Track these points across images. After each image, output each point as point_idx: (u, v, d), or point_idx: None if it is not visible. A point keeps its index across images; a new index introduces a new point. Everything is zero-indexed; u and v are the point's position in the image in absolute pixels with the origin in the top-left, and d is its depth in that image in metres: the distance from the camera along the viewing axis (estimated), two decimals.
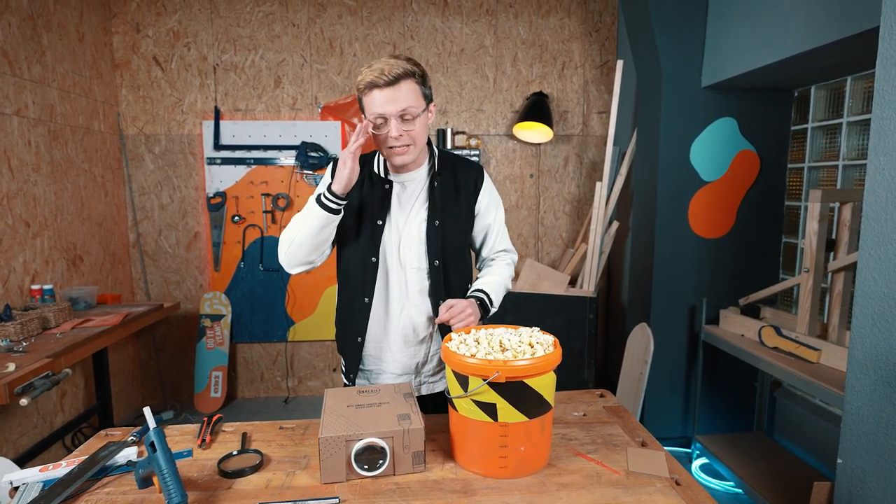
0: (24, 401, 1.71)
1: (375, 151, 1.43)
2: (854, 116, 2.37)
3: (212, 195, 3.40)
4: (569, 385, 2.59)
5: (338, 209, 1.26)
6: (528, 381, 1.03)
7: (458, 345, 1.13)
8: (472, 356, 1.06)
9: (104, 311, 2.61)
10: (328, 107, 3.46)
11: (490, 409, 1.03)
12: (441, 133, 3.40)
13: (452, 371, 1.08)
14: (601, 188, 3.10)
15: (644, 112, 2.93)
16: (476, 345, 1.13)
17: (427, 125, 1.33)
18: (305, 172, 3.44)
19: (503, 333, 1.19)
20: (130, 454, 1.13)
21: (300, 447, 1.18)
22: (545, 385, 1.06)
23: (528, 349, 1.10)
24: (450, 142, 3.40)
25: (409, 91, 1.23)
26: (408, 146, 1.28)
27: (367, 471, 1.03)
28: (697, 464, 2.70)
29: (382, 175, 1.38)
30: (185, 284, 3.53)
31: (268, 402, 3.57)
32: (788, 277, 2.79)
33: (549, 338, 1.16)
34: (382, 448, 1.03)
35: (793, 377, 2.04)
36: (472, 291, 1.40)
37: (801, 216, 2.73)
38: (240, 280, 3.51)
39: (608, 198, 3.21)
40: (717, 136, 2.72)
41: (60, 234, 2.79)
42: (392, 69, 1.20)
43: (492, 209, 1.46)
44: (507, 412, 1.03)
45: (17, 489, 1.02)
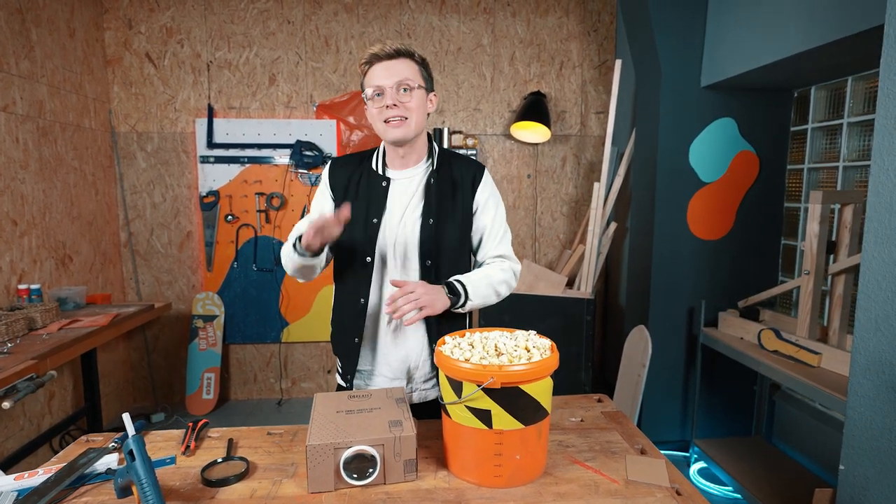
0: (7, 404, 1.66)
1: (375, 148, 1.40)
2: (855, 117, 2.35)
3: (205, 194, 3.36)
4: (565, 388, 2.55)
5: (313, 255, 1.24)
6: (524, 387, 0.99)
7: (452, 349, 1.10)
8: (466, 361, 1.02)
9: (93, 312, 2.57)
10: (323, 105, 3.42)
11: (484, 416, 0.99)
12: (438, 132, 3.36)
13: (446, 376, 1.04)
14: (599, 189, 3.07)
15: (643, 112, 2.90)
16: (470, 349, 1.09)
17: (425, 108, 1.30)
18: (300, 171, 3.40)
19: (498, 337, 1.15)
20: (111, 461, 1.09)
21: (288, 454, 1.14)
22: (542, 391, 1.02)
23: (525, 353, 1.07)
24: (446, 141, 3.36)
25: (408, 66, 1.26)
26: (403, 119, 1.25)
27: (357, 480, 0.99)
28: (695, 468, 2.67)
29: (380, 172, 1.35)
30: (178, 284, 3.49)
31: (261, 405, 3.52)
32: (788, 280, 2.77)
33: (546, 342, 1.12)
34: (373, 456, 0.99)
35: (793, 381, 2.01)
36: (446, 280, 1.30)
37: (801, 218, 2.71)
38: (233, 280, 3.46)
39: (606, 198, 3.18)
40: (717, 137, 2.69)
41: (49, 233, 2.74)
42: (393, 44, 1.26)
43: (489, 209, 1.37)
44: (502, 419, 0.99)
45: None
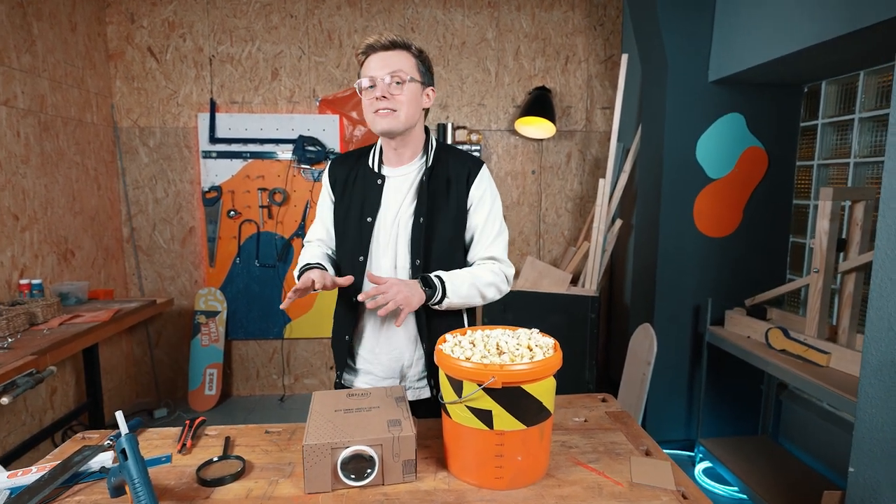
0: (5, 399, 1.65)
1: (373, 144, 1.37)
2: (867, 112, 2.30)
3: (207, 189, 3.34)
4: (569, 386, 2.53)
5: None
6: (526, 387, 0.96)
7: (453, 347, 1.07)
8: (467, 360, 1.00)
9: (94, 307, 2.56)
10: (326, 100, 3.39)
11: (485, 417, 0.97)
12: (441, 128, 3.33)
13: (446, 375, 1.02)
14: (604, 185, 3.03)
15: (649, 107, 2.86)
16: (471, 347, 1.07)
17: (418, 102, 1.26)
18: (303, 167, 3.38)
19: (500, 335, 1.13)
20: (106, 459, 1.07)
21: (285, 453, 1.12)
22: (544, 391, 0.99)
23: (527, 352, 1.04)
24: (450, 137, 3.33)
25: (404, 59, 1.24)
26: (392, 111, 1.22)
27: (355, 480, 0.97)
28: (700, 468, 2.64)
29: (376, 170, 1.32)
30: (180, 280, 3.48)
31: (263, 401, 3.51)
32: (796, 278, 2.73)
33: (550, 340, 1.10)
34: (371, 457, 0.97)
35: (802, 381, 1.97)
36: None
37: (810, 215, 2.66)
38: (235, 276, 3.45)
39: (611, 195, 3.14)
40: (724, 133, 2.65)
41: (51, 228, 2.73)
42: (389, 35, 1.24)
43: (483, 207, 1.30)
44: (504, 420, 0.96)
45: None
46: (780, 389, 2.71)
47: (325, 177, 1.39)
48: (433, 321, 1.30)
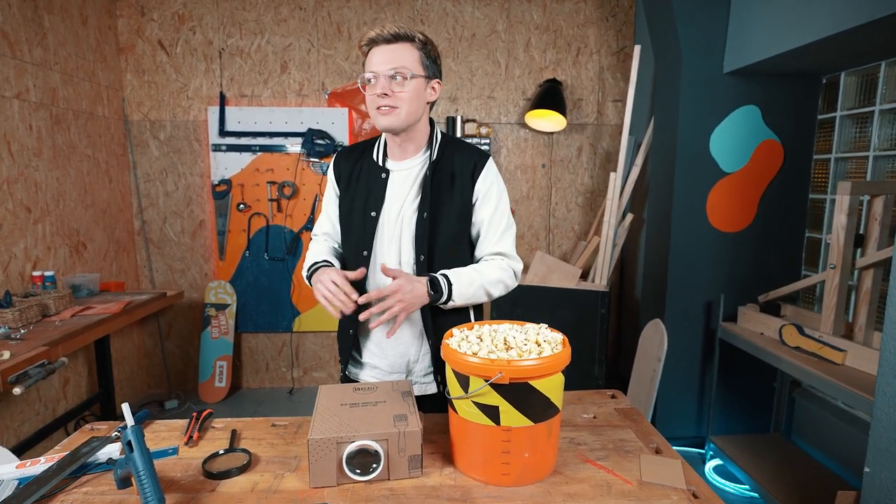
0: (18, 390, 1.67)
1: (378, 137, 1.36)
2: (888, 104, 2.24)
3: (217, 182, 3.35)
4: (578, 382, 2.50)
5: None
6: (534, 383, 0.95)
7: (460, 342, 1.06)
8: (474, 354, 0.98)
9: (106, 299, 2.58)
10: (335, 93, 3.38)
11: (492, 412, 0.95)
12: (451, 121, 3.31)
13: (452, 370, 1.01)
14: (615, 179, 2.99)
15: (662, 100, 2.81)
16: (478, 342, 1.05)
17: (421, 98, 1.23)
18: (312, 160, 3.37)
19: (508, 330, 1.11)
20: (113, 451, 1.07)
21: (291, 447, 1.12)
22: (552, 387, 0.98)
23: (535, 348, 1.02)
24: (459, 130, 3.31)
25: (407, 53, 1.20)
26: (393, 108, 1.20)
27: (360, 475, 0.96)
28: (711, 465, 2.61)
29: (380, 163, 1.30)
30: (190, 273, 3.50)
31: (273, 393, 3.53)
32: (811, 274, 2.67)
33: (558, 336, 1.08)
34: (376, 451, 0.96)
35: (816, 379, 1.93)
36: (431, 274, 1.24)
37: (827, 210, 2.61)
38: (245, 269, 3.46)
39: (623, 189, 3.10)
40: (739, 125, 2.59)
41: (63, 221, 2.76)
42: (392, 27, 1.19)
43: (490, 201, 1.27)
44: (511, 416, 0.95)
45: None
46: (794, 387, 2.67)
47: (331, 170, 1.38)
48: (439, 317, 1.29)
